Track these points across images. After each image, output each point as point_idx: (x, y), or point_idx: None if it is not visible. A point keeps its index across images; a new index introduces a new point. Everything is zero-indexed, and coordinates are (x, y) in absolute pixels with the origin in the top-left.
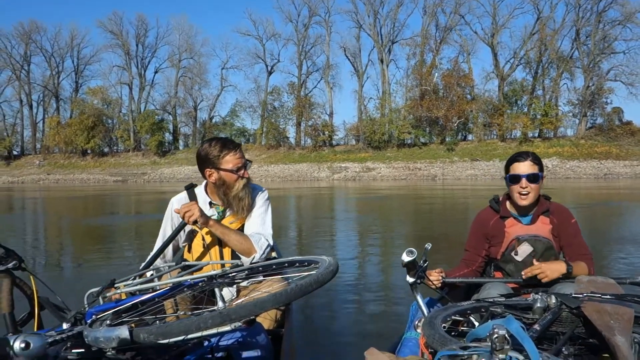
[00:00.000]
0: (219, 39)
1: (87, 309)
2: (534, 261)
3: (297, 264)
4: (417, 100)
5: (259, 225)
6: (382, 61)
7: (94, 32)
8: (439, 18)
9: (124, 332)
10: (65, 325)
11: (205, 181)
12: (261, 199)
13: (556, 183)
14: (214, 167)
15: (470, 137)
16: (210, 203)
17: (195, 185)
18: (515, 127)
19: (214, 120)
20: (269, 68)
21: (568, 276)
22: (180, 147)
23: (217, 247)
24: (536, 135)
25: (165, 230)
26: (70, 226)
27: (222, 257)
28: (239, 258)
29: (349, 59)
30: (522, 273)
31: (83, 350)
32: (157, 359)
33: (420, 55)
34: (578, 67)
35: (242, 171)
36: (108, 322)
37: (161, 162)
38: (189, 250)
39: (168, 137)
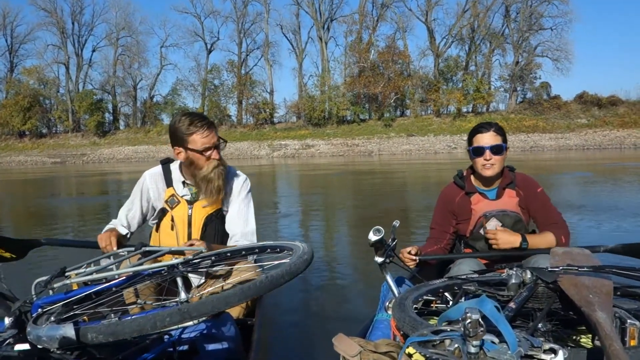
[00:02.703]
0: (157, 16)
1: (34, 300)
2: (497, 226)
3: (269, 250)
4: (355, 77)
5: (242, 225)
6: (320, 39)
7: (27, 10)
8: None
9: (69, 331)
10: (7, 320)
11: None
12: (243, 189)
13: None
14: (181, 145)
15: (407, 112)
16: (184, 183)
17: (172, 161)
18: (449, 102)
19: (154, 100)
20: (209, 46)
21: (522, 250)
22: (121, 127)
23: (185, 230)
24: (470, 110)
25: (134, 202)
26: (10, 208)
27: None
28: (209, 242)
29: (286, 37)
30: (485, 231)
31: (28, 347)
32: (110, 359)
33: (357, 33)
34: (509, 44)
35: (210, 152)
36: (53, 318)
37: (101, 143)
38: (157, 230)
39: (108, 117)
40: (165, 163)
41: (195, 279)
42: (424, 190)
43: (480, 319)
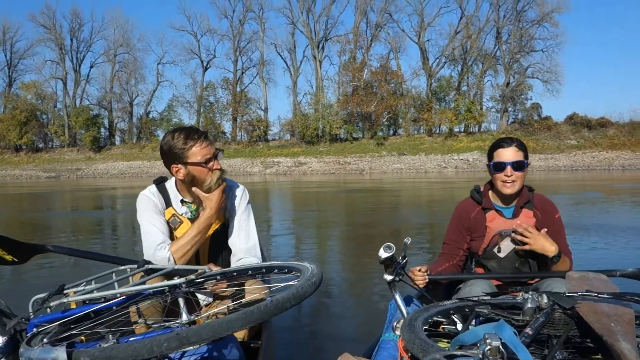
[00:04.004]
0: (154, 33)
1: (31, 318)
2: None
3: (276, 270)
4: (349, 96)
5: (244, 241)
6: (315, 58)
7: (27, 26)
8: (369, 16)
9: (61, 355)
10: (0, 339)
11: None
12: (243, 200)
13: (477, 175)
14: (180, 161)
15: (400, 131)
16: (182, 201)
17: (166, 179)
18: (441, 122)
19: (150, 116)
20: (205, 64)
21: (551, 263)
22: (117, 143)
23: None
24: (462, 130)
25: (158, 218)
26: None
27: (197, 260)
28: (216, 261)
29: (280, 56)
30: (515, 226)
31: None
32: None
33: (350, 53)
34: (500, 65)
35: (212, 162)
36: (46, 339)
37: (96, 158)
38: None
39: (104, 132)
40: (160, 182)
41: (203, 298)
42: (420, 208)
43: (500, 346)
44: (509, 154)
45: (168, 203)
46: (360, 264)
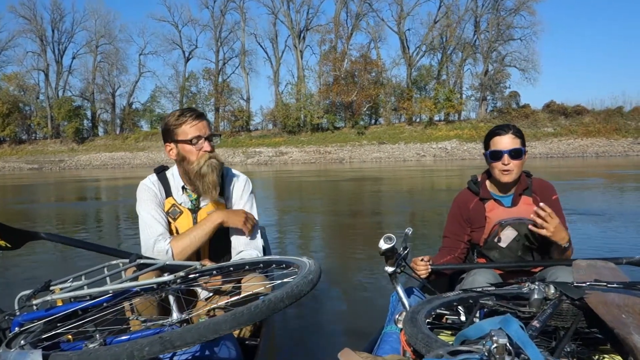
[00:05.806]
0: (135, 24)
1: (16, 315)
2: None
3: (274, 265)
4: (330, 85)
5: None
6: (296, 47)
7: (8, 17)
8: (349, 5)
9: (36, 358)
10: None
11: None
12: (246, 191)
13: (455, 163)
14: (171, 139)
15: (381, 120)
16: (183, 188)
17: (167, 168)
18: (421, 111)
19: (133, 106)
20: (187, 54)
21: (560, 252)
22: (100, 134)
23: None
24: (442, 118)
25: (157, 210)
26: None
27: (198, 251)
28: (220, 258)
29: (261, 46)
30: (535, 210)
31: None
32: None
33: (330, 42)
34: (479, 53)
35: (200, 142)
36: (23, 341)
37: (79, 149)
38: None
39: (87, 123)
40: (160, 171)
41: (203, 292)
42: (405, 196)
43: (507, 344)
44: (505, 142)
45: (168, 192)
46: (357, 255)
